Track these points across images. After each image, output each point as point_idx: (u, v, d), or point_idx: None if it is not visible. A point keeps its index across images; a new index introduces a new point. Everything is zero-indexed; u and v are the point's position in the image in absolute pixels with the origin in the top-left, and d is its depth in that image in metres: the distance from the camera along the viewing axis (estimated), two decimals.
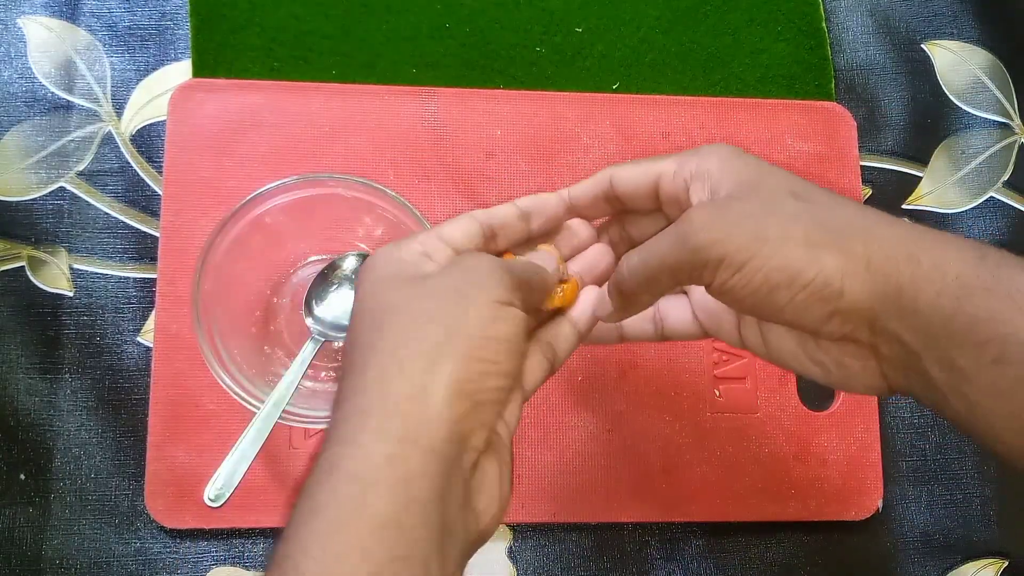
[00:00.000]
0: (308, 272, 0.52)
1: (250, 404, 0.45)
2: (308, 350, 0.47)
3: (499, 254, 0.38)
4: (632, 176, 0.37)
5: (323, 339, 0.49)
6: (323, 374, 0.51)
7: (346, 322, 0.49)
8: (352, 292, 0.50)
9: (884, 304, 0.30)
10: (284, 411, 0.45)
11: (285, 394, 0.45)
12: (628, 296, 0.35)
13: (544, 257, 0.38)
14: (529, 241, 0.39)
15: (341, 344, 0.52)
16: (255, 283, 0.52)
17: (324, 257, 0.52)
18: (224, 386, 0.45)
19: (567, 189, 0.38)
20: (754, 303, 0.32)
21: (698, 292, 0.39)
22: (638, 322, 0.40)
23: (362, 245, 0.52)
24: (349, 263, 0.51)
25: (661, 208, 0.37)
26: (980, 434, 0.30)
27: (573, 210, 0.39)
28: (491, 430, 0.31)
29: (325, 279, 0.50)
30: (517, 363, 0.32)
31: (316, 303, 0.49)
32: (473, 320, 0.31)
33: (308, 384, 0.50)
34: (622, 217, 0.40)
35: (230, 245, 0.47)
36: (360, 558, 0.27)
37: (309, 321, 0.49)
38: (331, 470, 0.28)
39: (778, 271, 0.31)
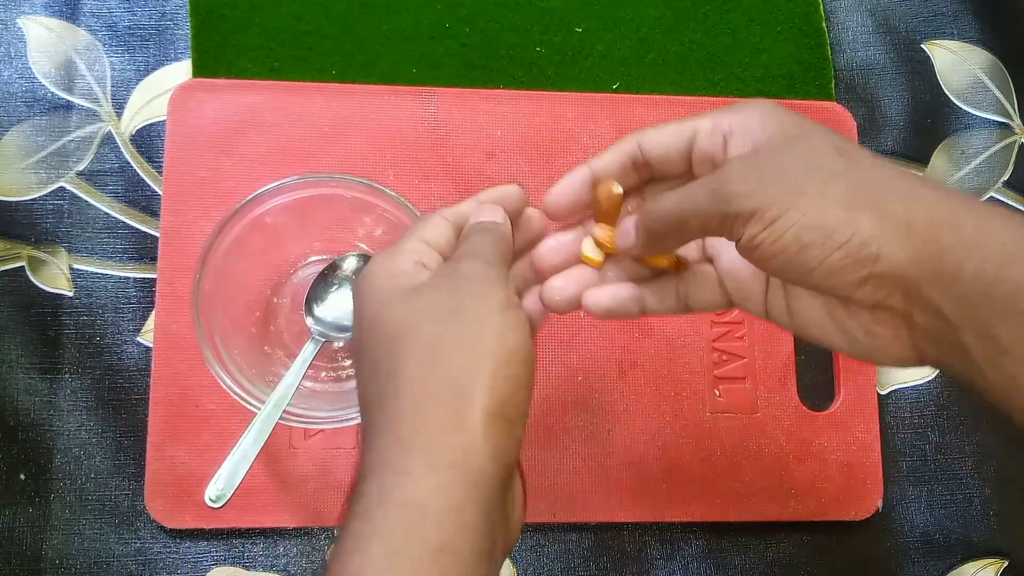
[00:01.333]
0: (308, 272, 0.52)
1: (250, 404, 0.45)
2: (308, 350, 0.47)
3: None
4: (663, 137, 0.35)
5: (323, 339, 0.49)
6: (323, 374, 0.51)
7: (347, 323, 0.49)
8: (351, 293, 0.50)
9: (923, 270, 0.29)
10: (284, 411, 0.45)
11: (285, 394, 0.45)
12: (654, 236, 0.34)
13: (486, 211, 0.37)
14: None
15: (341, 344, 0.52)
16: (255, 283, 0.52)
17: (324, 257, 0.52)
18: (224, 386, 0.45)
19: (589, 162, 0.36)
20: (783, 262, 0.30)
21: (725, 259, 0.37)
22: (660, 295, 0.38)
23: (362, 245, 0.52)
24: (349, 263, 0.51)
25: (692, 171, 0.36)
26: (1020, 408, 0.29)
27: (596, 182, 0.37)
28: (522, 444, 0.31)
29: (325, 279, 0.50)
30: (532, 369, 0.32)
31: (316, 303, 0.49)
32: (489, 338, 0.31)
33: (308, 384, 0.50)
34: (642, 189, 0.38)
35: (230, 245, 0.47)
36: None
37: (309, 321, 0.49)
38: (381, 499, 0.29)
39: (811, 229, 0.29)
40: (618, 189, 0.36)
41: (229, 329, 0.47)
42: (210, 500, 0.44)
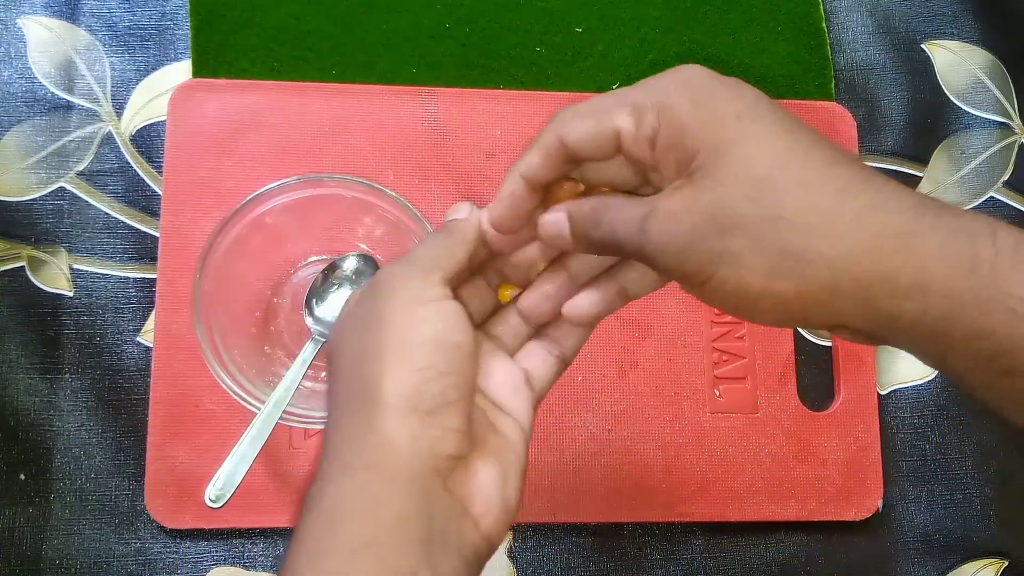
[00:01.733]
0: (308, 272, 0.52)
1: (250, 404, 0.45)
2: (308, 350, 0.47)
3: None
4: (586, 137, 0.32)
5: (323, 339, 0.49)
6: (323, 374, 0.51)
7: None
8: (352, 292, 0.50)
9: (862, 322, 0.28)
10: (284, 411, 0.45)
11: (285, 394, 0.45)
12: (586, 246, 0.33)
13: (457, 209, 0.35)
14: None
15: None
16: (255, 283, 0.52)
17: (324, 257, 0.52)
18: (224, 386, 0.45)
19: (517, 168, 0.33)
20: (722, 310, 0.31)
21: None
22: (639, 277, 0.35)
23: (362, 245, 0.52)
24: (349, 263, 0.51)
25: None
26: (1003, 415, 0.29)
27: (536, 186, 0.33)
28: (463, 432, 0.31)
29: (326, 279, 0.50)
30: (456, 355, 0.31)
31: (316, 303, 0.49)
32: (392, 335, 0.30)
33: (308, 384, 0.50)
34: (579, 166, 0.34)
35: (230, 245, 0.47)
36: None
37: (309, 321, 0.49)
38: (308, 507, 0.30)
39: (735, 296, 0.29)
40: (574, 187, 0.34)
41: (229, 329, 0.47)
42: (210, 500, 0.44)
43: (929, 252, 0.27)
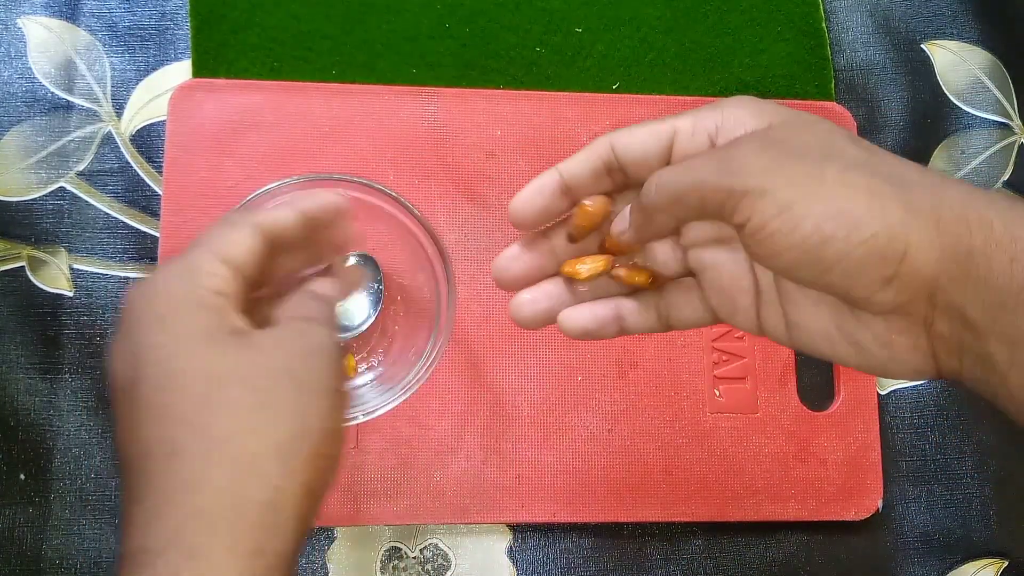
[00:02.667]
0: (308, 273, 0.52)
1: None
2: None
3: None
4: (639, 139, 0.31)
5: None
6: None
7: (347, 323, 0.49)
8: (353, 292, 0.50)
9: (951, 270, 0.26)
10: None
11: None
12: (648, 214, 0.31)
13: (323, 286, 0.34)
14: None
15: (343, 343, 0.51)
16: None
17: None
18: None
19: (558, 166, 0.33)
20: (797, 256, 0.27)
21: (708, 271, 0.33)
22: (640, 312, 0.35)
23: None
24: (350, 263, 0.51)
25: None
26: None
27: (570, 190, 0.33)
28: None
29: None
30: (343, 446, 0.30)
31: None
32: (316, 414, 0.28)
33: None
34: (614, 197, 0.34)
35: None
36: None
37: None
38: None
39: (833, 219, 0.26)
40: (595, 205, 0.33)
41: None
42: None
43: (1017, 208, 0.27)
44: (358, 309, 0.50)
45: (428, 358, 0.46)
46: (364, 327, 0.50)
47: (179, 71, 0.56)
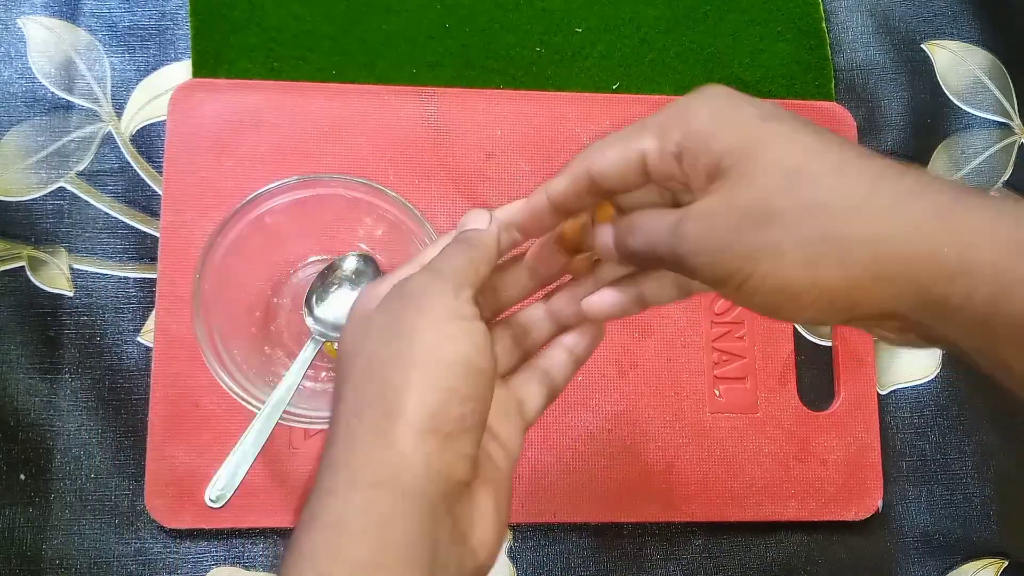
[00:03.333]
0: (308, 272, 0.52)
1: (250, 404, 0.45)
2: (308, 350, 0.47)
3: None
4: (612, 165, 0.32)
5: (323, 339, 0.49)
6: (323, 374, 0.51)
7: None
8: (353, 292, 0.50)
9: (909, 308, 0.27)
10: (284, 411, 0.45)
11: (286, 395, 0.45)
12: (629, 260, 0.33)
13: (476, 217, 0.35)
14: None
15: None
16: (255, 283, 0.52)
17: (324, 257, 0.52)
18: (224, 386, 0.45)
19: (545, 187, 0.34)
20: (762, 312, 0.30)
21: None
22: (660, 286, 0.35)
23: (363, 245, 0.52)
24: (349, 263, 0.51)
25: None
26: None
27: (558, 209, 0.34)
28: (474, 459, 0.30)
29: (325, 279, 0.50)
30: (480, 381, 0.30)
31: (316, 303, 0.49)
32: (421, 350, 0.30)
33: (308, 384, 0.50)
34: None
35: (230, 245, 0.47)
36: None
37: (309, 321, 0.49)
38: (311, 520, 0.28)
39: (777, 293, 0.28)
40: (576, 224, 0.35)
41: (229, 329, 0.47)
42: (210, 500, 0.44)
43: (972, 233, 0.26)
44: None
45: None
46: None
47: (179, 71, 0.56)
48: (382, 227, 0.51)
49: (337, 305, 0.50)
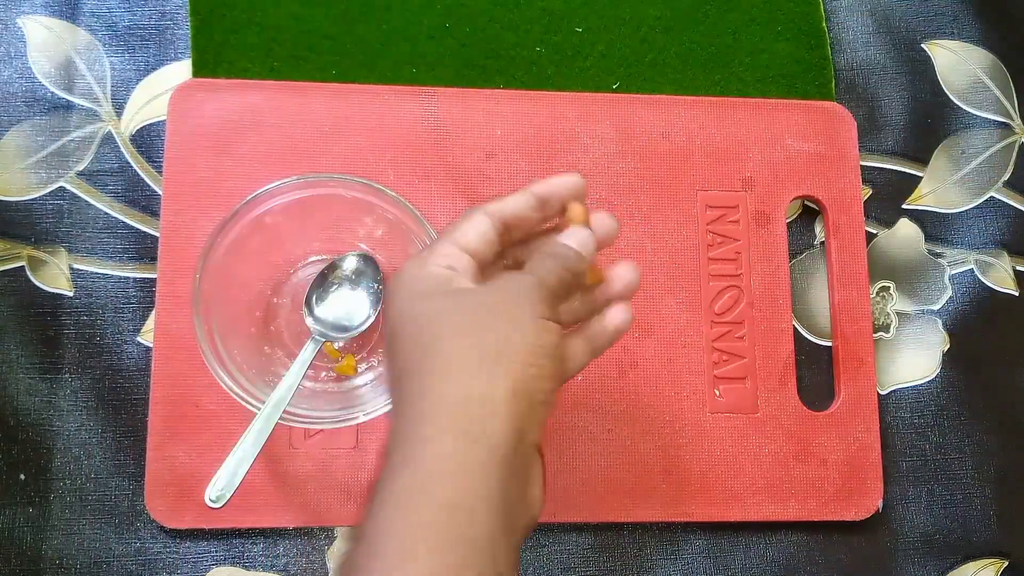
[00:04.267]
0: (308, 272, 0.52)
1: (250, 404, 0.45)
2: (309, 350, 0.47)
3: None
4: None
5: (323, 339, 0.49)
6: (323, 374, 0.51)
7: (347, 323, 0.49)
8: (353, 292, 0.50)
9: None
10: (284, 411, 0.45)
11: (286, 395, 0.45)
12: None
13: (580, 238, 0.38)
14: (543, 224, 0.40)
15: (341, 345, 0.52)
16: (255, 283, 0.52)
17: (324, 257, 0.52)
18: (224, 386, 0.45)
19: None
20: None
21: None
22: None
23: (362, 245, 0.52)
24: (349, 263, 0.51)
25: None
26: None
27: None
28: (543, 427, 0.34)
29: (325, 279, 0.50)
30: (559, 368, 0.35)
31: (316, 303, 0.49)
32: (521, 332, 0.34)
33: (308, 384, 0.50)
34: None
35: (230, 245, 0.47)
36: (430, 535, 0.30)
37: (309, 321, 0.49)
38: (403, 464, 0.32)
39: None
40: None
41: (229, 329, 0.47)
42: (210, 500, 0.44)
43: None
44: (358, 309, 0.50)
45: None
46: (364, 327, 0.50)
47: (179, 71, 0.56)
48: (382, 227, 0.51)
49: (337, 305, 0.50)
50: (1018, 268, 0.61)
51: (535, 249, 0.39)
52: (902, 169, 0.61)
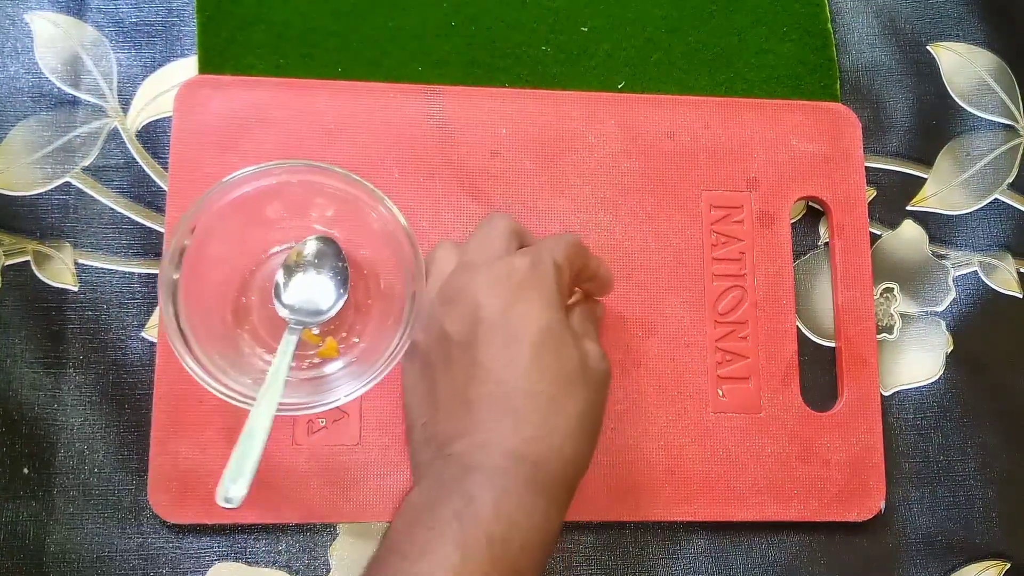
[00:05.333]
0: (271, 265, 0.51)
1: (245, 403, 0.45)
2: (288, 341, 0.47)
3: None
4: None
5: (300, 327, 0.49)
6: (305, 363, 0.51)
7: (320, 306, 0.49)
8: (319, 276, 0.50)
9: None
10: (280, 403, 0.45)
11: (277, 387, 0.45)
12: None
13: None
14: None
15: (318, 331, 0.51)
16: (221, 289, 0.51)
17: (284, 247, 0.52)
18: (218, 394, 0.45)
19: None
20: None
21: None
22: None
23: (319, 227, 0.52)
24: (310, 247, 0.50)
25: None
26: None
27: None
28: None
29: (290, 268, 0.50)
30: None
31: (286, 293, 0.49)
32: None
33: (296, 374, 0.50)
34: None
35: (190, 261, 0.47)
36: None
37: (283, 312, 0.49)
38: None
39: None
40: None
41: (207, 339, 0.47)
42: (225, 501, 0.43)
43: None
44: (327, 291, 0.50)
45: (406, 323, 0.46)
46: (338, 307, 0.50)
47: (185, 67, 0.56)
48: (334, 206, 0.51)
49: (306, 290, 0.50)
50: (1022, 270, 0.61)
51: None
52: (906, 171, 0.61)
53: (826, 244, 0.59)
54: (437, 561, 0.36)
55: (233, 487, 0.43)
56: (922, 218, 0.61)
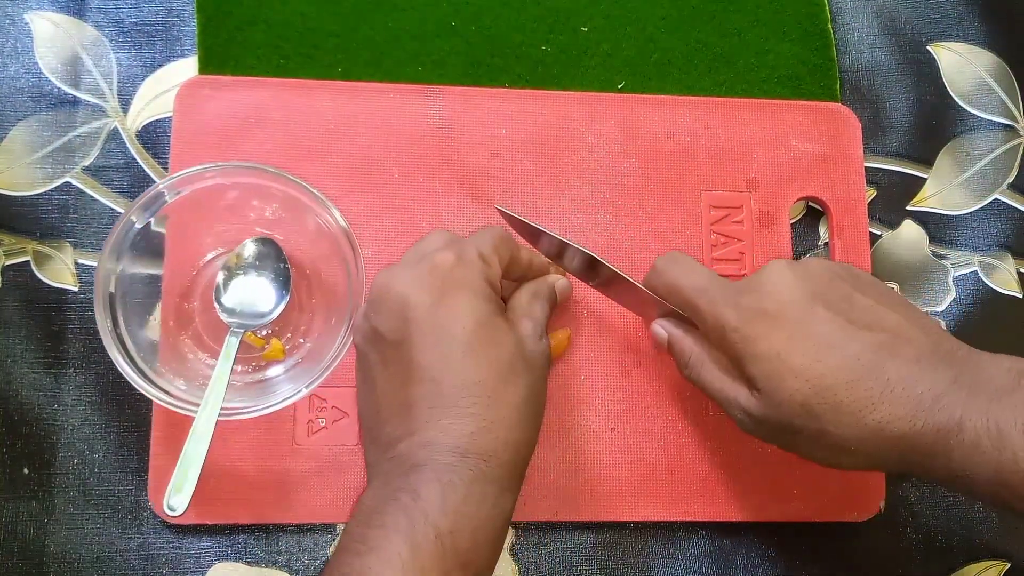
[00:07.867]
0: (211, 269, 0.52)
1: (188, 410, 0.45)
2: (230, 344, 0.47)
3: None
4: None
5: (242, 330, 0.49)
6: (251, 366, 0.51)
7: (262, 308, 0.50)
8: (260, 278, 0.50)
9: (905, 470, 0.43)
10: (223, 408, 0.45)
11: (220, 391, 0.45)
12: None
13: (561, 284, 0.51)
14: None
15: (266, 333, 0.51)
16: (164, 296, 0.51)
17: (223, 251, 0.52)
18: (161, 402, 0.45)
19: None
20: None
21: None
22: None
23: (258, 229, 0.52)
24: (249, 249, 0.50)
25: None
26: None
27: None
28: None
29: (230, 271, 0.50)
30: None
31: (227, 296, 0.49)
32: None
33: (240, 379, 0.50)
34: None
35: (127, 271, 0.47)
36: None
37: (224, 316, 0.49)
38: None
39: (812, 460, 0.46)
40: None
41: (149, 347, 0.48)
42: (169, 510, 0.44)
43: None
44: (269, 292, 0.50)
45: (348, 321, 0.47)
46: (280, 308, 0.50)
47: (185, 67, 0.56)
48: (272, 204, 0.51)
49: (248, 293, 0.50)
50: (1022, 270, 0.61)
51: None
52: (906, 171, 0.61)
53: (826, 244, 0.59)
54: (387, 557, 0.36)
55: (176, 497, 0.44)
56: (922, 218, 0.61)
